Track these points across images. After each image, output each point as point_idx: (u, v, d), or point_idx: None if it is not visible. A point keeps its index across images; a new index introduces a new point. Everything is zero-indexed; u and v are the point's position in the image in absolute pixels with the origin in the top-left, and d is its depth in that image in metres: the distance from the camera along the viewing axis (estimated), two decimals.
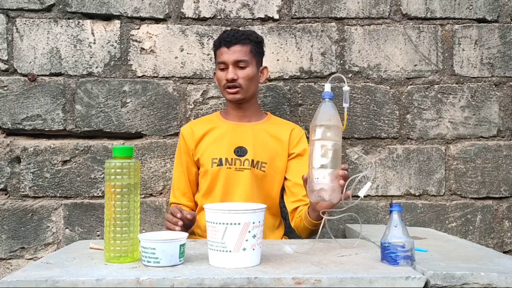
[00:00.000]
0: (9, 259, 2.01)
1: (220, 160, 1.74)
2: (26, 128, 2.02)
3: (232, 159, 1.75)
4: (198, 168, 1.82)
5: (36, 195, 2.02)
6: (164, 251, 1.13)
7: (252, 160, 1.75)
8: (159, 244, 1.14)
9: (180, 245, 1.16)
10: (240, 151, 1.75)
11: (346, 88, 1.40)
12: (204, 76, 2.08)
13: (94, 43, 2.05)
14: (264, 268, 1.13)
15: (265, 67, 1.85)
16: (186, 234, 1.19)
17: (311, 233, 1.62)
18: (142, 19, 2.07)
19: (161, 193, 2.06)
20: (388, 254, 1.17)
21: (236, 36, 1.75)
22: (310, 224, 1.55)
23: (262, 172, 1.75)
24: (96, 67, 2.05)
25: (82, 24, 2.04)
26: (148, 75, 2.07)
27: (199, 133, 1.80)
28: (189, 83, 2.08)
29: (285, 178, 1.79)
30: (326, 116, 1.33)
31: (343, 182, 1.32)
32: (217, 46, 1.79)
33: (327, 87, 1.38)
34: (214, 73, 1.85)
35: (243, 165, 1.74)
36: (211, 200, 1.73)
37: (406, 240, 1.16)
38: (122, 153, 1.22)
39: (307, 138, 1.82)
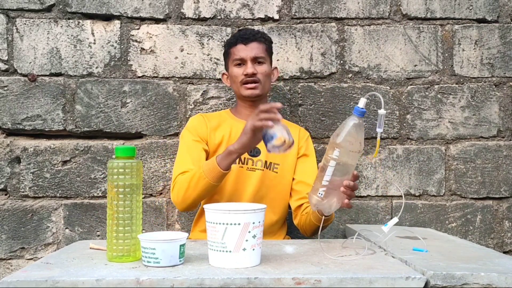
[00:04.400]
0: (9, 259, 2.01)
1: None
2: (26, 128, 2.02)
3: (245, 158, 1.73)
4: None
5: (36, 195, 2.02)
6: (164, 251, 1.13)
7: (265, 161, 1.74)
8: (159, 244, 1.14)
9: (180, 245, 1.16)
10: (254, 151, 1.74)
11: (382, 111, 1.26)
12: (204, 76, 2.08)
13: (94, 43, 2.05)
14: (264, 268, 1.13)
15: (276, 68, 1.88)
16: (186, 234, 1.20)
17: (316, 230, 1.60)
18: (142, 19, 2.07)
19: (161, 193, 2.05)
20: None
21: (253, 33, 1.77)
22: (316, 220, 1.54)
23: (275, 173, 1.75)
24: (96, 67, 2.05)
25: (82, 24, 2.04)
26: (148, 75, 2.06)
27: (212, 124, 1.77)
28: (189, 83, 2.08)
29: None
30: (350, 139, 1.26)
31: (347, 201, 1.34)
32: (232, 44, 1.78)
33: (362, 102, 1.26)
34: (223, 74, 1.86)
35: (255, 165, 1.73)
36: (218, 197, 1.69)
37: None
38: (125, 153, 1.22)
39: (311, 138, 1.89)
